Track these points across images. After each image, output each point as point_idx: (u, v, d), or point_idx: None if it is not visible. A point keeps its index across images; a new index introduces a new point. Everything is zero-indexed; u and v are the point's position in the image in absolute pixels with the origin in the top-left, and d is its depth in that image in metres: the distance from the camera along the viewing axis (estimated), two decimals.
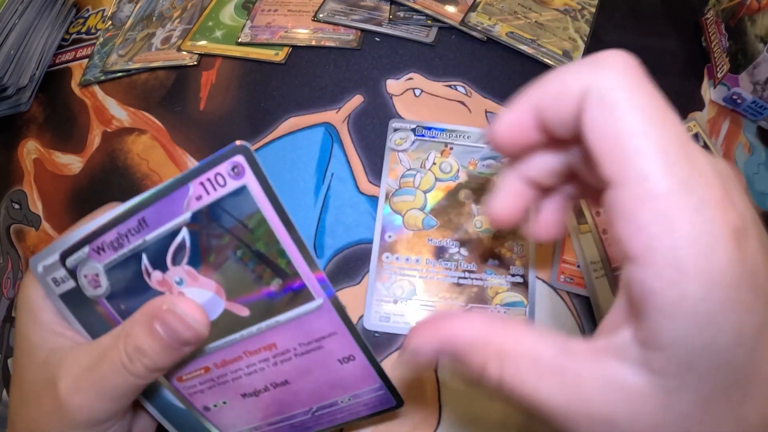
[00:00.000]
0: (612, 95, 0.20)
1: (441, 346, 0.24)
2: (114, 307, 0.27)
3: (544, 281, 0.45)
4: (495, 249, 0.45)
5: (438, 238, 0.45)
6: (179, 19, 0.60)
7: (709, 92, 0.55)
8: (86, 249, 0.26)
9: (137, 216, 0.26)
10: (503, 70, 0.53)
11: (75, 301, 0.27)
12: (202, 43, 0.57)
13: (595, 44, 0.55)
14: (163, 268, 0.26)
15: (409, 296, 0.44)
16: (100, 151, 0.54)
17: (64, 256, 0.26)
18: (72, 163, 0.54)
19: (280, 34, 0.56)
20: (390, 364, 0.43)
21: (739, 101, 0.52)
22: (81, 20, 0.66)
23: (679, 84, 0.55)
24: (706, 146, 0.48)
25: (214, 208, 0.25)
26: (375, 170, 0.49)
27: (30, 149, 0.57)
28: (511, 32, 0.54)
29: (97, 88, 0.58)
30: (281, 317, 0.28)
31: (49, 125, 0.58)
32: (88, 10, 0.67)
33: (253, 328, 0.28)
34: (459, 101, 0.52)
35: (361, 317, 0.44)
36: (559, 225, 0.30)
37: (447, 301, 0.44)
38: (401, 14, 0.56)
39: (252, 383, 0.30)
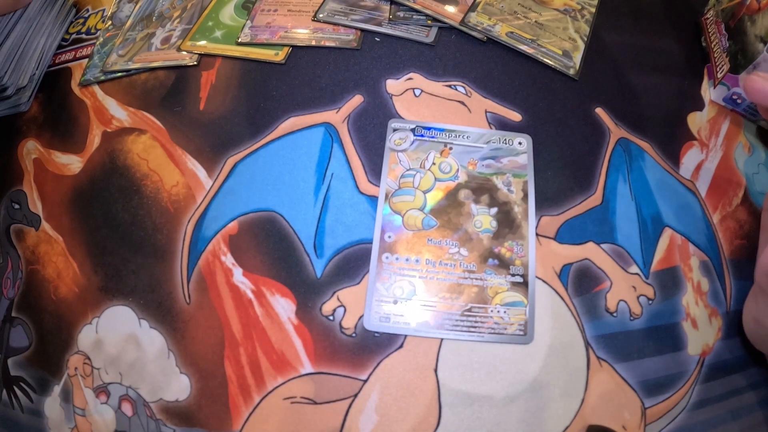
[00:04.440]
0: None
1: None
2: None
3: (544, 281, 0.45)
4: (495, 249, 0.45)
5: (438, 238, 0.45)
6: (179, 19, 0.60)
7: (709, 92, 0.55)
8: None
9: None
10: (503, 70, 0.53)
11: None
12: (202, 43, 0.57)
13: (595, 44, 0.55)
14: None
15: (409, 296, 0.44)
16: (100, 151, 0.54)
17: None
18: (72, 163, 0.54)
19: (280, 34, 0.56)
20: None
21: (739, 101, 0.52)
22: (81, 20, 0.66)
23: (679, 84, 0.55)
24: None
25: None
26: (375, 170, 0.49)
27: (30, 149, 0.57)
28: (511, 32, 0.54)
29: (97, 88, 0.58)
30: None
31: (49, 125, 0.58)
32: (88, 10, 0.67)
33: None
34: (459, 101, 0.52)
35: (360, 318, 0.44)
36: None
37: (447, 301, 0.44)
38: (401, 14, 0.56)
39: None
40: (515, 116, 0.51)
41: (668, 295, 0.46)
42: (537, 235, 0.46)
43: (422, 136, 0.50)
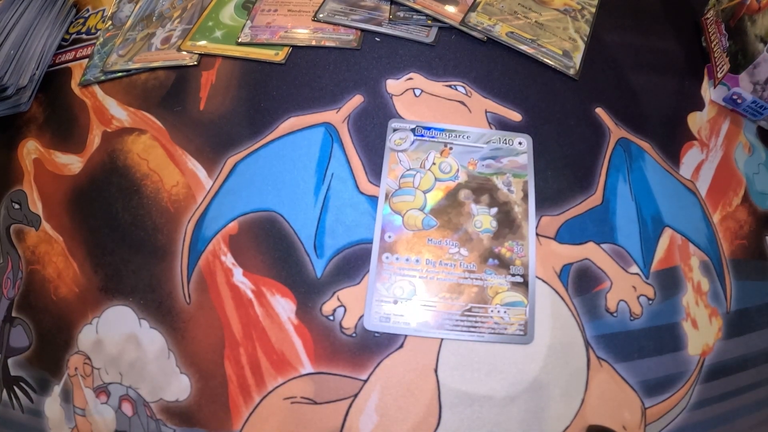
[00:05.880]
0: None
1: None
2: None
3: (544, 281, 0.45)
4: (495, 249, 0.45)
5: (438, 238, 0.45)
6: (179, 19, 0.60)
7: (709, 92, 0.55)
8: None
9: None
10: (503, 70, 0.53)
11: None
12: (202, 43, 0.57)
13: (595, 44, 0.55)
14: None
15: (410, 296, 0.44)
16: (100, 151, 0.54)
17: None
18: (72, 163, 0.54)
19: (280, 34, 0.56)
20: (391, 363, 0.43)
21: (739, 101, 0.52)
22: (81, 20, 0.66)
23: (679, 84, 0.55)
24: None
25: None
26: (375, 170, 0.49)
27: (30, 149, 0.57)
28: (511, 32, 0.54)
29: (97, 88, 0.58)
30: None
31: (49, 125, 0.58)
32: (88, 10, 0.67)
33: None
34: (459, 101, 0.52)
35: (360, 318, 0.44)
36: None
37: (447, 301, 0.44)
38: (401, 14, 0.56)
39: None
40: (515, 116, 0.51)
41: (668, 295, 0.46)
42: (537, 235, 0.46)
43: (422, 136, 0.50)
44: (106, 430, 0.45)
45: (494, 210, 0.46)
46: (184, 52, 0.57)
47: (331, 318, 0.44)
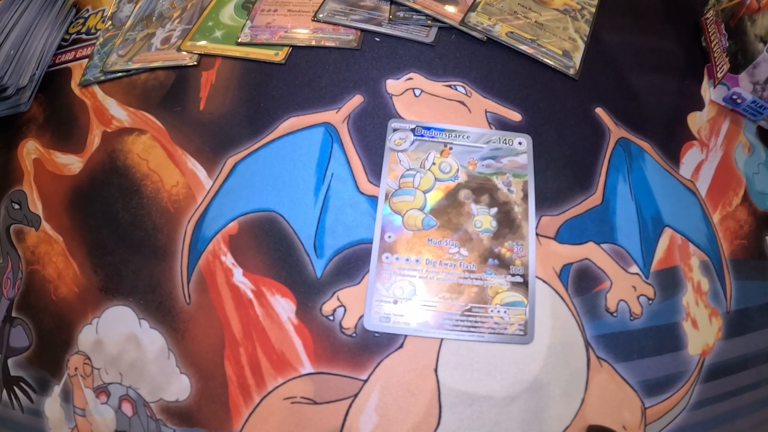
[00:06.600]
0: None
1: None
2: None
3: (544, 281, 0.45)
4: (495, 249, 0.45)
5: (438, 238, 0.45)
6: (179, 19, 0.60)
7: (709, 92, 0.55)
8: None
9: None
10: (503, 70, 0.53)
11: None
12: (202, 43, 0.57)
13: (595, 44, 0.55)
14: None
15: (410, 296, 0.44)
16: (100, 151, 0.54)
17: None
18: (72, 163, 0.54)
19: (280, 34, 0.56)
20: (391, 364, 0.43)
21: (739, 101, 0.52)
22: (81, 20, 0.66)
23: (679, 84, 0.55)
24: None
25: None
26: (375, 170, 0.49)
27: (30, 149, 0.57)
28: (511, 32, 0.54)
29: (97, 88, 0.58)
30: None
31: (49, 125, 0.58)
32: (88, 10, 0.67)
33: None
34: (459, 101, 0.52)
35: (360, 318, 0.44)
36: None
37: (447, 301, 0.44)
38: (401, 14, 0.56)
39: None
40: (515, 116, 0.51)
41: (668, 295, 0.46)
42: (537, 235, 0.46)
43: (422, 136, 0.50)
44: (106, 430, 0.45)
45: (494, 210, 0.46)
46: (184, 52, 0.57)
47: (331, 318, 0.44)
